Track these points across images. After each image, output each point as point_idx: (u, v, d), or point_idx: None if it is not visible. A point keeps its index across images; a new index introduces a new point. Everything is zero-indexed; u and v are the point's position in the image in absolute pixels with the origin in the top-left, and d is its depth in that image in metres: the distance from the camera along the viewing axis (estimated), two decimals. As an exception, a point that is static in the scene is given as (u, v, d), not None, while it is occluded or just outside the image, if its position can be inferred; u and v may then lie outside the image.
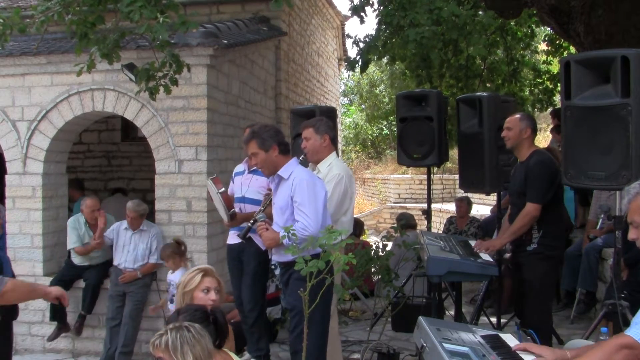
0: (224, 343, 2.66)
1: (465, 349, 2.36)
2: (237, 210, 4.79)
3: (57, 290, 3.53)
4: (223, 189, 4.68)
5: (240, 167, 5.18)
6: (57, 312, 6.06)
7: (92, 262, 6.13)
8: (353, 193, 4.52)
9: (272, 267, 5.37)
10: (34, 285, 3.75)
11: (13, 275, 5.21)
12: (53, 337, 6.15)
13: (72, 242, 6.11)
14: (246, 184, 4.95)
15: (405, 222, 7.60)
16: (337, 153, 4.74)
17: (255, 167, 4.42)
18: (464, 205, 8.10)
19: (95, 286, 6.10)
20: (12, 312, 5.25)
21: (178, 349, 2.16)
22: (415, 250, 5.42)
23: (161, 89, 5.10)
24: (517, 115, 4.50)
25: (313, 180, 3.79)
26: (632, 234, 2.33)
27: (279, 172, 3.81)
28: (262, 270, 4.96)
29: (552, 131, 8.81)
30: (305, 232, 3.54)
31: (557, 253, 4.44)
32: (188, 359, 2.16)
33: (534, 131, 4.46)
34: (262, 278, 5.04)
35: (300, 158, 4.65)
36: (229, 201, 4.70)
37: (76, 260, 6.17)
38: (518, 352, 2.44)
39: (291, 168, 3.81)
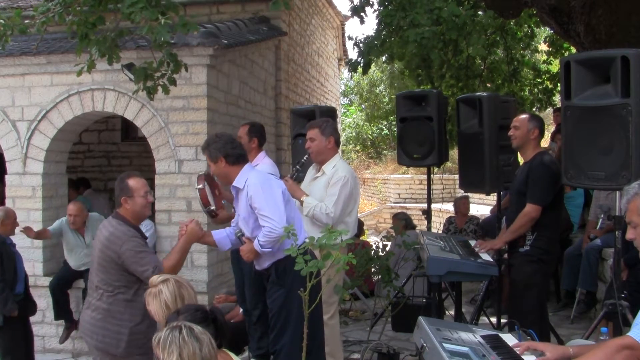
0: (224, 343, 2.67)
1: (465, 349, 2.36)
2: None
3: (189, 239, 3.66)
4: (201, 185, 4.65)
5: None
6: (61, 310, 6.04)
7: (89, 265, 6.11)
8: (358, 194, 4.54)
9: None
10: (180, 250, 3.61)
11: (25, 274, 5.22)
12: (64, 339, 6.15)
13: None
14: None
15: (405, 223, 7.62)
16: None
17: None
18: (467, 202, 8.14)
19: None
20: (27, 308, 5.24)
21: (166, 347, 2.18)
22: (415, 250, 5.42)
23: (159, 89, 5.09)
24: (526, 115, 4.46)
25: (268, 182, 3.74)
26: (629, 234, 2.34)
27: (234, 184, 3.75)
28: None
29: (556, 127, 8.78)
30: (273, 235, 3.53)
31: (549, 257, 4.38)
32: (171, 359, 2.16)
33: (541, 133, 4.44)
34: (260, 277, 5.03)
35: (304, 158, 4.65)
36: (205, 199, 4.66)
37: (72, 263, 6.16)
38: (522, 350, 2.44)
39: (245, 176, 3.73)
